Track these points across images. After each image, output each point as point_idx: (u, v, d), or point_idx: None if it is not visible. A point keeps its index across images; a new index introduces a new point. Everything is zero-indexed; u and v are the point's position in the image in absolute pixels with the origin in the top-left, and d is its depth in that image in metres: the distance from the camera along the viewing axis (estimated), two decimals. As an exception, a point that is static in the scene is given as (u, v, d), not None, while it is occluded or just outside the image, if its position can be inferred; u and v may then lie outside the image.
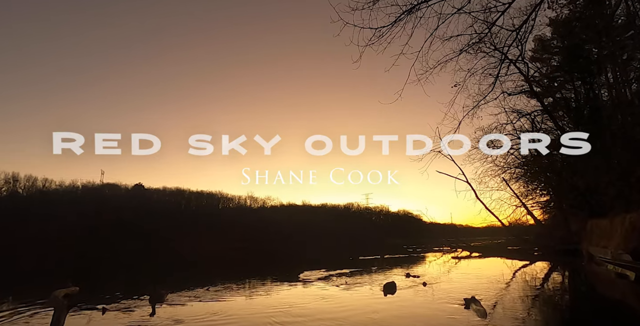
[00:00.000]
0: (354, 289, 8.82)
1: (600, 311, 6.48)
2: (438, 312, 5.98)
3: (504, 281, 10.23)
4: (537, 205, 21.20)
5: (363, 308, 6.51)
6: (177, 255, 30.20)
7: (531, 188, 20.80)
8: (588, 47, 17.18)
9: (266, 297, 7.99)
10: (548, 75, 19.69)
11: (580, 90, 19.05)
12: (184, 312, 6.40)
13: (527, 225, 21.09)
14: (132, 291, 8.21)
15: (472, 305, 6.12)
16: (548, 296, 8.10)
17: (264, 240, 48.77)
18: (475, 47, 8.67)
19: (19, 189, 48.45)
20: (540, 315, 6.13)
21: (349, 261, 18.63)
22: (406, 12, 6.57)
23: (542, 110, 18.08)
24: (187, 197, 59.84)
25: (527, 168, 19.83)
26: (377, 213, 79.97)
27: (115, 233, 42.68)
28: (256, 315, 6.02)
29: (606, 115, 15.87)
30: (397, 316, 5.80)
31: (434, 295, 7.66)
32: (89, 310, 6.59)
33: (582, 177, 15.62)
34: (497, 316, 5.61)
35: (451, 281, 10.12)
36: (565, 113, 19.25)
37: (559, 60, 19.24)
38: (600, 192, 15.07)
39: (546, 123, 18.52)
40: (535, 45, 19.10)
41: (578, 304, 7.59)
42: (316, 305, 6.85)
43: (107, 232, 42.37)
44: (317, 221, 60.56)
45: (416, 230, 67.96)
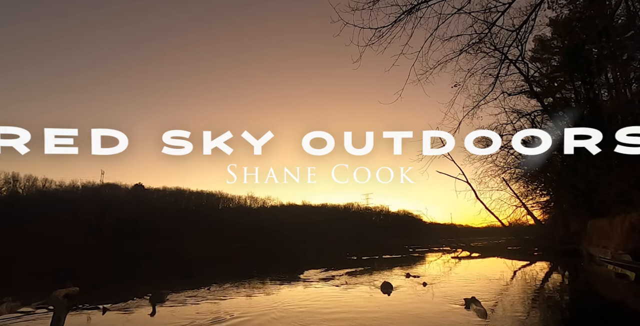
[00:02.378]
0: (354, 289, 8.81)
1: (600, 312, 6.48)
2: (438, 312, 5.98)
3: (504, 282, 10.22)
4: (537, 205, 21.24)
5: (363, 307, 6.51)
6: (177, 255, 30.20)
7: (531, 188, 20.82)
8: (588, 47, 17.17)
9: (266, 297, 7.98)
10: (548, 75, 19.69)
11: (580, 90, 19.06)
12: (185, 312, 6.40)
13: (527, 225, 21.12)
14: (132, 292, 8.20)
15: (472, 305, 6.11)
16: (548, 296, 8.10)
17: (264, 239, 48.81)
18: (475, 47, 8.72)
19: (19, 189, 48.48)
20: (541, 315, 6.13)
21: (349, 261, 18.62)
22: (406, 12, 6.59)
23: (542, 110, 18.12)
24: (187, 196, 59.90)
25: (527, 168, 19.84)
26: (377, 213, 79.98)
27: (115, 233, 42.73)
28: (256, 315, 6.02)
29: (606, 115, 15.87)
30: (397, 316, 5.79)
31: (433, 295, 7.65)
32: (89, 310, 6.59)
33: (582, 177, 15.62)
34: (498, 316, 5.61)
35: (451, 281, 10.11)
36: (565, 113, 19.25)
37: (559, 60, 19.24)
38: (600, 192, 15.08)
39: (546, 123, 18.54)
40: (535, 46, 19.12)
41: (578, 304, 7.58)
42: (316, 304, 6.85)
43: (107, 232, 42.44)
44: (317, 221, 60.57)
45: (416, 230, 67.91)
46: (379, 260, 19.64)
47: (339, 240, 50.13)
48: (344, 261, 18.68)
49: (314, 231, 56.00)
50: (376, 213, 79.83)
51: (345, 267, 14.62)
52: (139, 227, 45.21)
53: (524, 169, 19.59)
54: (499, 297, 7.47)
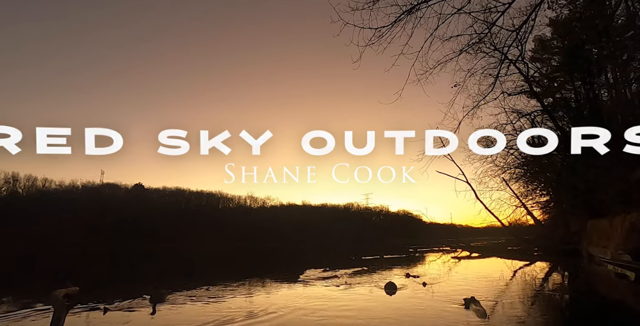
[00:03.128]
0: (354, 289, 8.81)
1: (600, 312, 6.47)
2: (438, 312, 5.97)
3: (504, 282, 10.22)
4: (537, 205, 21.22)
5: (363, 308, 6.51)
6: (177, 255, 30.17)
7: (531, 188, 20.81)
8: (588, 47, 17.16)
9: (266, 297, 7.98)
10: (548, 75, 19.69)
11: (580, 91, 19.05)
12: (185, 312, 6.41)
13: (527, 225, 21.12)
14: (132, 291, 8.21)
15: (471, 305, 6.11)
16: (548, 296, 8.10)
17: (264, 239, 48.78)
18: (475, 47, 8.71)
19: (18, 189, 48.45)
20: (540, 315, 6.13)
21: (349, 261, 18.62)
22: (406, 12, 6.58)
23: (542, 110, 18.09)
24: (187, 196, 59.87)
25: (527, 168, 19.84)
26: (377, 213, 79.99)
27: (115, 233, 42.69)
28: (257, 315, 6.02)
29: (606, 116, 15.86)
30: (397, 317, 5.79)
31: (433, 295, 7.65)
32: (89, 310, 6.59)
33: (582, 177, 15.62)
34: (497, 316, 5.61)
35: (451, 281, 10.10)
36: (565, 113, 19.26)
37: (559, 61, 19.23)
38: (600, 192, 15.08)
39: (546, 124, 18.51)
40: (535, 46, 19.11)
41: (578, 304, 7.58)
42: (316, 305, 6.84)
43: (107, 232, 42.37)
44: (317, 221, 60.55)
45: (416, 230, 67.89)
46: (379, 260, 19.63)
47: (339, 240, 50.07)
48: (345, 261, 18.68)
49: (314, 231, 55.96)
50: (376, 213, 79.88)
51: (345, 267, 14.63)
52: (139, 227, 45.19)
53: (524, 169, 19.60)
54: (498, 297, 7.46)
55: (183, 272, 16.98)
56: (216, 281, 10.51)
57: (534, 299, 7.48)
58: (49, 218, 39.90)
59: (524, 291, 8.48)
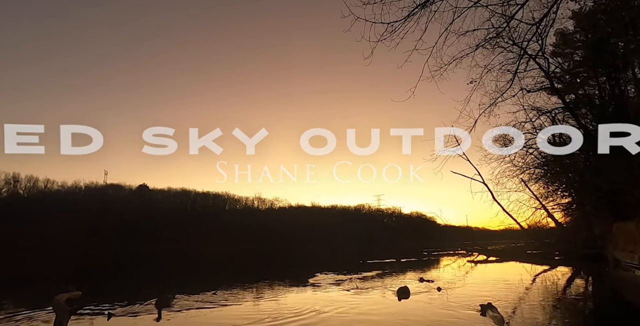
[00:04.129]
0: (365, 294, 8.63)
1: (627, 319, 6.10)
2: (453, 319, 5.75)
3: (523, 287, 9.88)
4: (558, 207, 20.45)
5: (375, 313, 6.32)
6: (182, 257, 30.14)
7: (552, 189, 20.06)
8: (613, 41, 16.41)
9: (275, 302, 7.83)
10: (570, 70, 18.95)
11: (605, 87, 18.27)
12: (192, 318, 6.31)
13: (547, 228, 20.43)
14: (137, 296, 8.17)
15: (488, 312, 5.89)
16: (570, 303, 7.75)
17: (272, 241, 48.64)
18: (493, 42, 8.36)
19: (19, 190, 48.68)
20: (562, 323, 5.79)
21: (359, 265, 18.37)
22: (420, 6, 6.33)
23: (563, 107, 17.42)
24: (193, 197, 59.92)
25: (547, 168, 19.16)
26: (389, 215, 79.07)
27: (118, 234, 42.60)
28: (265, 321, 5.85)
29: (633, 113, 15.11)
30: (410, 323, 5.57)
31: (448, 301, 7.42)
32: (93, 315, 6.52)
33: (606, 178, 14.94)
34: (515, 323, 5.35)
35: (467, 286, 9.86)
36: (589, 110, 18.50)
37: (582, 55, 18.47)
38: (625, 193, 14.41)
39: (568, 122, 17.81)
40: (557, 40, 18.37)
41: (603, 311, 7.23)
42: (326, 310, 6.67)
43: (111, 234, 42.25)
44: (327, 223, 60.18)
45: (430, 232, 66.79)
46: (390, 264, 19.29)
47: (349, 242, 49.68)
48: (355, 265, 18.42)
49: (324, 232, 55.53)
50: (388, 215, 78.93)
51: (356, 271, 14.40)
52: (143, 229, 45.33)
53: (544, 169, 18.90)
54: (517, 303, 7.18)
55: (189, 274, 16.95)
56: (223, 284, 10.42)
57: (555, 306, 7.14)
58: (51, 220, 39.91)
59: (544, 298, 8.13)
